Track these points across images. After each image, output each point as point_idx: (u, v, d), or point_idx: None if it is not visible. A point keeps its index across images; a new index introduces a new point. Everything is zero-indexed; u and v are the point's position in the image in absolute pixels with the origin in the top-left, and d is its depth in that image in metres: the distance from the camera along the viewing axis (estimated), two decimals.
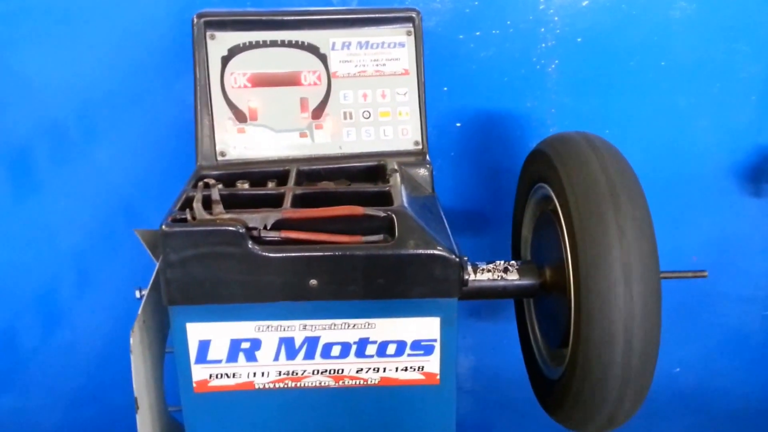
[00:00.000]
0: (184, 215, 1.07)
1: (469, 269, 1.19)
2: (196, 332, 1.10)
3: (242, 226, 1.04)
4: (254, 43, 1.34)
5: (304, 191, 1.21)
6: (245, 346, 1.11)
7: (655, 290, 1.04)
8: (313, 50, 1.35)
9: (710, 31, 1.70)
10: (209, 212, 1.06)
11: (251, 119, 1.35)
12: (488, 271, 1.25)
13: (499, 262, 1.27)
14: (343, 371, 1.14)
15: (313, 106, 1.36)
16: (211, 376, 1.13)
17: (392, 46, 1.37)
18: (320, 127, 1.36)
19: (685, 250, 1.85)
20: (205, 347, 1.11)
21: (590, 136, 1.23)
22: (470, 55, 1.68)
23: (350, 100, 1.37)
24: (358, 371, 1.14)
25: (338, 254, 1.05)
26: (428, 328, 1.11)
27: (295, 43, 1.35)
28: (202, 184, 1.07)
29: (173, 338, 1.11)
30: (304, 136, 1.36)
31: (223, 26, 1.33)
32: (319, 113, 1.36)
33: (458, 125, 1.75)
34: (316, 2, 1.51)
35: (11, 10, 1.64)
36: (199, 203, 1.05)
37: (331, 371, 1.14)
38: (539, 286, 1.26)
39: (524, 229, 1.46)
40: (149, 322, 1.18)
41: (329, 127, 1.36)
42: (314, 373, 1.13)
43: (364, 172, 1.36)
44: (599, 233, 1.05)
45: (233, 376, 1.13)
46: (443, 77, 1.67)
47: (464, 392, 1.97)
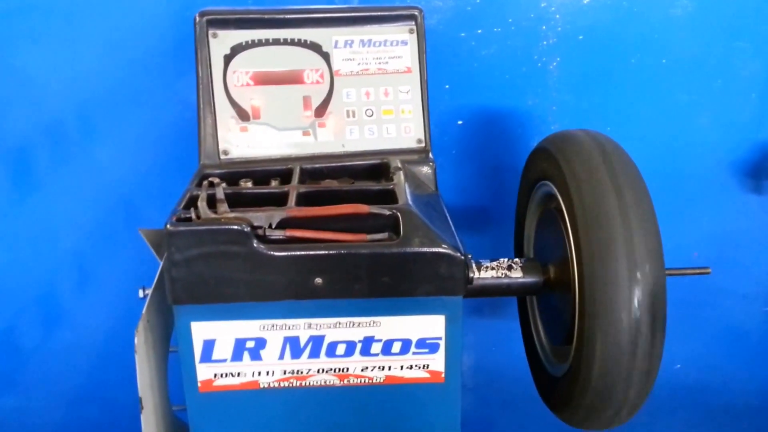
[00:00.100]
0: (188, 214, 1.06)
1: (473, 267, 1.19)
2: (200, 331, 1.10)
3: (247, 224, 1.04)
4: (257, 41, 1.33)
5: (308, 189, 1.21)
6: (250, 345, 1.11)
7: (660, 287, 1.04)
8: (315, 48, 1.35)
9: (711, 28, 1.70)
10: (214, 211, 1.06)
11: (254, 118, 1.34)
12: (492, 268, 1.25)
13: (502, 259, 1.27)
14: (348, 370, 1.14)
15: (316, 104, 1.36)
16: (215, 375, 1.12)
17: (395, 44, 1.37)
18: (323, 125, 1.36)
19: (685, 246, 1.86)
20: (209, 346, 1.11)
21: (593, 133, 1.23)
22: (472, 52, 1.67)
23: (353, 98, 1.37)
24: (363, 370, 1.14)
25: (343, 253, 1.05)
26: (433, 326, 1.11)
27: (297, 41, 1.34)
28: (206, 183, 1.07)
29: (178, 337, 1.11)
30: (307, 134, 1.36)
31: (225, 24, 1.33)
32: (322, 111, 1.36)
33: (460, 123, 1.74)
34: (318, 0, 1.51)
35: (11, 8, 1.63)
36: (203, 202, 1.05)
37: (336, 370, 1.13)
38: (543, 283, 1.25)
39: (527, 226, 1.46)
40: (153, 321, 1.17)
41: (332, 125, 1.36)
42: (319, 371, 1.13)
43: (367, 170, 1.36)
44: (604, 231, 1.05)
45: (238, 375, 1.13)
46: (445, 75, 1.67)
47: (465, 390, 1.97)
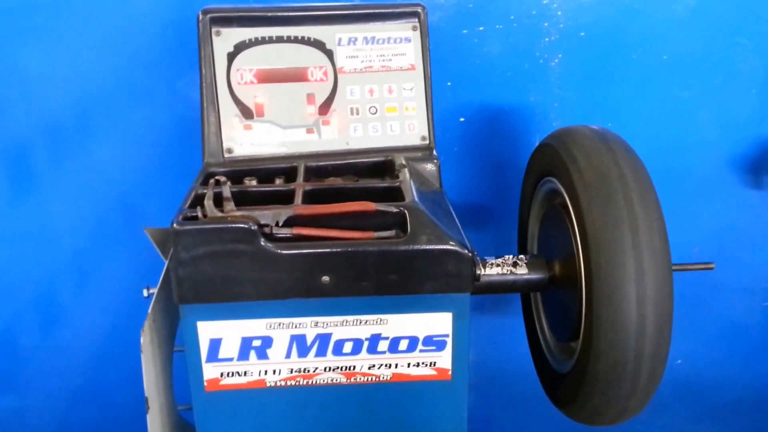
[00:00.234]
0: (194, 213, 1.06)
1: (480, 264, 1.19)
2: (207, 330, 1.09)
3: (254, 223, 1.03)
4: (260, 39, 1.33)
5: (313, 187, 1.20)
6: (256, 344, 1.11)
7: (667, 283, 1.04)
8: (319, 46, 1.34)
9: (712, 24, 1.70)
10: (220, 209, 1.06)
11: (258, 115, 1.34)
12: (497, 265, 1.25)
13: (507, 256, 1.27)
14: (354, 368, 1.13)
15: (319, 101, 1.35)
16: (222, 374, 1.12)
17: (398, 41, 1.37)
18: (327, 123, 1.36)
19: (686, 242, 1.86)
20: (216, 345, 1.10)
21: (598, 129, 1.23)
22: (474, 50, 1.67)
23: (357, 95, 1.36)
24: (370, 368, 1.13)
25: (351, 250, 1.05)
26: (440, 323, 1.11)
27: (301, 38, 1.34)
28: (213, 181, 1.06)
29: (184, 337, 1.10)
30: (310, 132, 1.35)
31: (228, 22, 1.32)
32: (325, 109, 1.36)
33: (462, 120, 1.74)
34: None
35: (9, 6, 1.62)
36: (210, 200, 1.04)
37: (342, 368, 1.13)
38: (548, 280, 1.26)
39: (531, 223, 1.46)
40: (159, 320, 1.17)
41: (336, 122, 1.36)
42: (326, 370, 1.13)
43: (371, 167, 1.35)
44: (611, 226, 1.05)
45: (244, 374, 1.12)
46: (447, 72, 1.67)
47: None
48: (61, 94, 1.68)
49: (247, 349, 1.11)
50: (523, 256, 1.28)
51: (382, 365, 1.13)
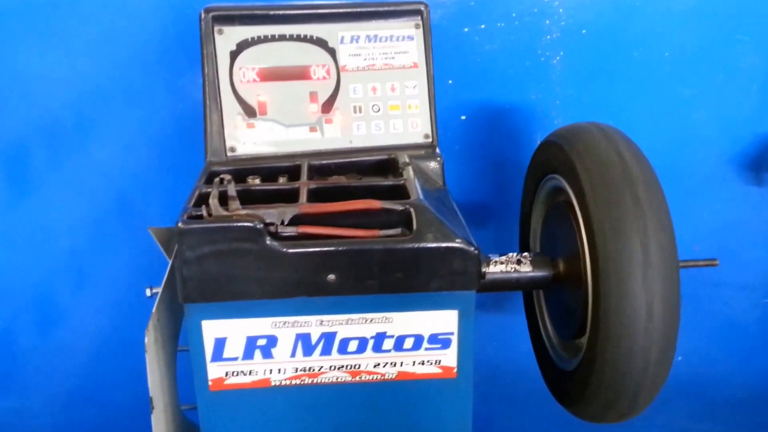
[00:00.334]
0: (199, 212, 1.05)
1: (485, 262, 1.19)
2: (212, 330, 1.09)
3: (260, 221, 1.03)
4: (263, 37, 1.32)
5: (318, 186, 1.20)
6: (261, 343, 1.10)
7: (674, 279, 1.04)
8: (321, 44, 1.34)
9: (712, 22, 1.71)
10: (225, 208, 1.05)
11: (260, 114, 1.34)
12: (501, 263, 1.25)
13: (511, 254, 1.27)
14: (360, 366, 1.13)
15: (322, 100, 1.35)
16: (227, 373, 1.11)
17: (401, 39, 1.37)
18: (330, 121, 1.35)
19: (686, 239, 1.85)
20: (221, 345, 1.10)
21: (603, 126, 1.23)
22: (475, 48, 1.67)
23: (360, 93, 1.36)
24: (375, 366, 1.13)
25: (357, 249, 1.04)
26: (446, 321, 1.11)
27: (303, 37, 1.33)
28: (217, 180, 1.06)
29: (189, 336, 1.10)
30: (313, 130, 1.35)
31: (231, 21, 1.32)
32: (328, 107, 1.35)
33: (463, 118, 1.74)
34: None
35: (7, 5, 1.61)
36: (215, 199, 1.04)
37: (348, 367, 1.13)
38: (552, 277, 1.25)
39: (533, 221, 1.46)
40: (163, 320, 1.16)
41: (339, 121, 1.36)
42: (331, 368, 1.13)
43: (374, 166, 1.35)
44: (618, 222, 1.05)
45: (249, 373, 1.12)
46: (448, 70, 1.67)
47: None
48: (59, 93, 1.68)
49: (252, 348, 1.10)
50: (527, 253, 1.28)
51: (387, 363, 1.13)
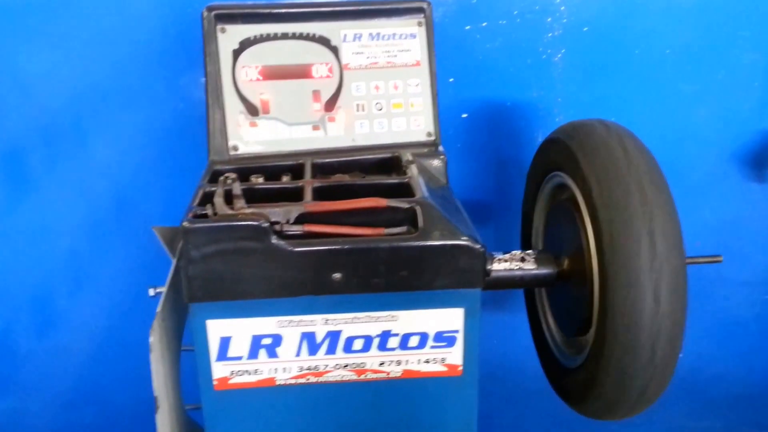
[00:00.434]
0: (204, 211, 1.05)
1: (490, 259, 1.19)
2: (217, 329, 1.08)
3: (265, 220, 1.03)
4: (265, 35, 1.32)
5: (322, 184, 1.20)
6: (266, 342, 1.10)
7: (681, 275, 1.04)
8: (324, 42, 1.34)
9: (714, 18, 1.71)
10: (230, 207, 1.05)
11: (263, 113, 1.33)
12: (505, 260, 1.25)
13: (515, 252, 1.27)
14: (365, 365, 1.13)
15: (325, 98, 1.35)
16: (232, 373, 1.11)
17: (403, 37, 1.36)
18: (333, 119, 1.35)
19: (687, 236, 1.86)
20: (225, 344, 1.09)
21: (606, 122, 1.22)
22: (477, 45, 1.67)
23: (362, 92, 1.36)
24: (380, 364, 1.13)
25: (363, 247, 1.04)
26: (451, 319, 1.10)
27: (306, 35, 1.33)
28: (223, 178, 1.06)
29: (194, 335, 1.09)
30: (316, 129, 1.35)
31: (233, 19, 1.31)
32: (331, 106, 1.35)
33: (464, 116, 1.74)
34: None
35: (4, 4, 1.60)
36: (220, 198, 1.04)
37: (353, 365, 1.13)
38: (557, 274, 1.25)
39: (536, 218, 1.46)
40: (167, 319, 1.16)
41: (342, 119, 1.35)
42: (336, 367, 1.12)
43: (377, 164, 1.35)
44: (625, 219, 1.04)
45: (254, 372, 1.11)
46: (449, 68, 1.66)
47: None
48: (57, 93, 1.67)
49: (257, 347, 1.10)
50: (530, 251, 1.28)
51: (392, 362, 1.13)
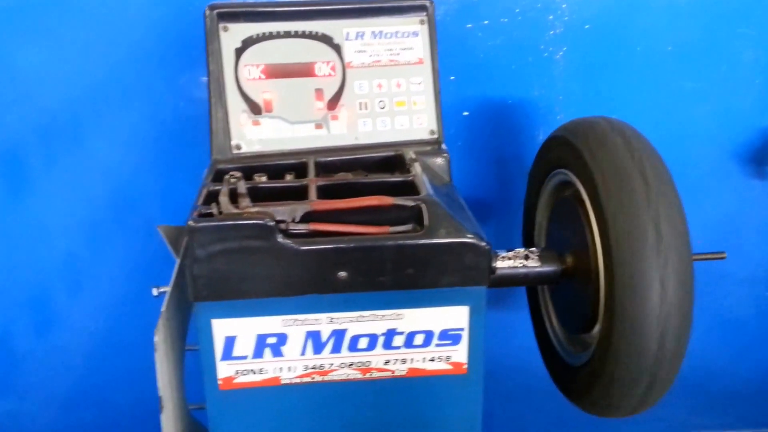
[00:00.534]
0: (209, 210, 1.05)
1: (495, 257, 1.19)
2: (222, 328, 1.08)
3: (271, 219, 1.02)
4: (268, 34, 1.32)
5: (326, 183, 1.20)
6: (271, 341, 1.10)
7: (688, 272, 1.03)
8: (327, 41, 1.34)
9: (715, 15, 1.70)
10: (235, 206, 1.05)
11: (266, 111, 1.33)
12: (509, 258, 1.25)
13: (519, 249, 1.26)
14: (370, 363, 1.13)
15: (328, 96, 1.34)
16: (236, 372, 1.11)
17: (406, 35, 1.36)
18: (336, 118, 1.35)
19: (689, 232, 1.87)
20: (230, 343, 1.09)
21: (610, 119, 1.22)
22: (478, 43, 1.67)
23: (365, 90, 1.36)
24: (385, 363, 1.13)
25: (369, 245, 1.04)
26: (456, 317, 1.10)
27: (308, 33, 1.33)
28: (228, 177, 1.05)
29: (198, 335, 1.09)
30: (319, 127, 1.34)
31: (236, 18, 1.31)
32: (334, 104, 1.35)
33: (465, 114, 1.74)
34: None
35: (3, 2, 1.60)
36: (225, 197, 1.03)
37: (358, 364, 1.12)
38: (561, 272, 1.25)
39: (539, 216, 1.46)
40: (171, 319, 1.16)
41: (345, 117, 1.35)
42: (341, 366, 1.12)
43: (380, 162, 1.35)
44: (632, 216, 1.04)
45: (259, 372, 1.11)
46: (451, 66, 1.66)
47: None
48: (55, 91, 1.66)
49: (261, 346, 1.10)
50: (534, 249, 1.28)
51: (397, 360, 1.13)
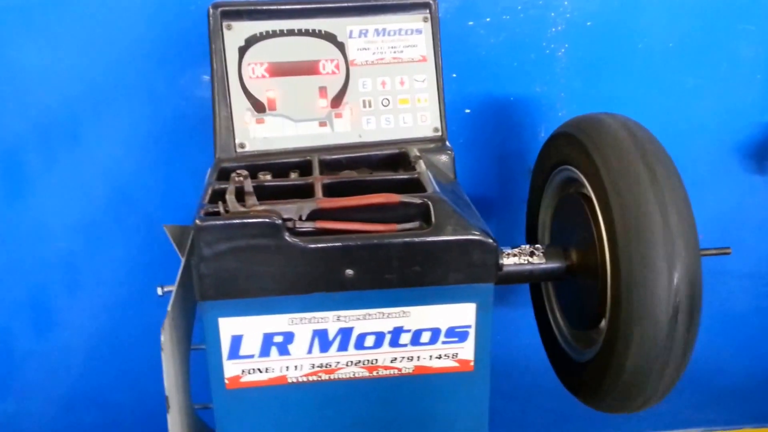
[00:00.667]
0: (216, 208, 1.04)
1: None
2: (228, 327, 1.08)
3: (278, 217, 1.02)
4: (271, 32, 1.31)
5: (332, 180, 1.19)
6: (278, 339, 1.09)
7: (697, 268, 1.03)
8: (330, 38, 1.33)
9: (716, 11, 1.70)
10: (242, 204, 1.04)
11: (270, 109, 1.33)
12: (514, 255, 1.25)
13: (524, 246, 1.27)
14: (377, 361, 1.13)
15: (332, 94, 1.34)
16: (243, 371, 1.11)
17: (409, 32, 1.36)
18: (339, 115, 1.34)
19: None
20: (237, 342, 1.09)
21: (614, 114, 1.22)
22: (480, 41, 1.66)
23: (369, 88, 1.35)
24: (392, 361, 1.13)
25: (376, 243, 1.04)
26: (463, 314, 1.11)
27: (312, 31, 1.33)
28: (234, 175, 1.05)
29: (205, 334, 1.09)
30: (323, 125, 1.34)
31: (239, 16, 1.30)
32: (338, 102, 1.34)
33: (467, 111, 1.74)
34: None
35: (3, 1, 1.59)
36: (232, 195, 1.03)
37: (364, 362, 1.12)
38: (566, 268, 1.25)
39: (542, 213, 1.46)
40: (177, 318, 1.15)
41: (348, 115, 1.35)
42: (348, 364, 1.12)
43: (384, 160, 1.35)
44: (640, 212, 1.04)
45: (266, 370, 1.11)
46: (453, 64, 1.65)
47: None
48: (55, 90, 1.65)
49: (268, 345, 1.10)
50: (539, 245, 1.28)
51: (404, 358, 1.13)
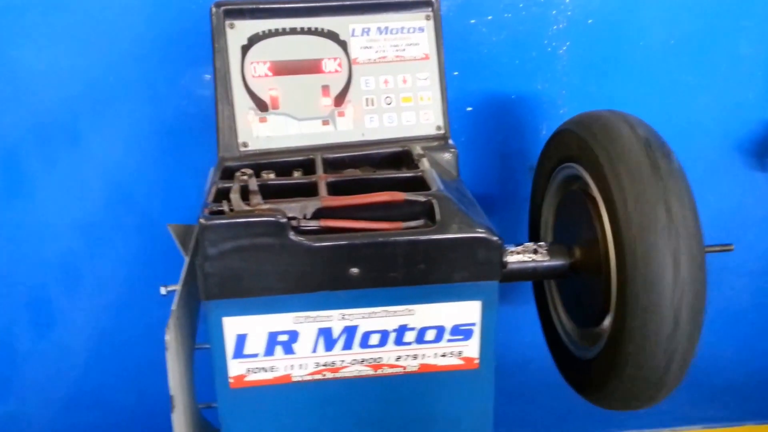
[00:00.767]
0: (220, 207, 1.04)
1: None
2: (233, 326, 1.08)
3: (283, 215, 1.02)
4: (274, 31, 1.31)
5: (336, 179, 1.19)
6: (283, 338, 1.09)
7: (701, 265, 1.04)
8: (333, 37, 1.33)
9: (717, 9, 1.71)
10: (246, 203, 1.04)
11: (273, 108, 1.32)
12: (518, 253, 1.25)
13: (527, 244, 1.27)
14: (381, 360, 1.12)
15: (334, 93, 1.34)
16: (248, 370, 1.11)
17: (412, 31, 1.36)
18: (342, 114, 1.34)
19: None
20: (242, 341, 1.09)
21: (617, 111, 1.23)
22: (482, 39, 1.67)
23: (372, 86, 1.35)
24: (396, 359, 1.13)
25: (381, 241, 1.04)
26: (468, 312, 1.10)
27: (314, 30, 1.32)
28: (239, 174, 1.05)
29: (209, 333, 1.09)
30: (326, 123, 1.34)
31: (242, 15, 1.30)
32: (340, 100, 1.34)
33: (469, 109, 1.74)
34: None
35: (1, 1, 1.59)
36: (237, 194, 1.03)
37: (369, 360, 1.12)
38: (570, 265, 1.25)
39: (545, 210, 1.46)
40: (181, 318, 1.15)
41: (351, 114, 1.35)
42: (352, 363, 1.12)
43: (387, 158, 1.34)
44: (645, 209, 1.04)
45: (270, 369, 1.11)
46: (454, 62, 1.65)
47: None
48: (54, 90, 1.65)
49: (273, 344, 1.09)
50: (542, 243, 1.28)
51: (408, 356, 1.13)
